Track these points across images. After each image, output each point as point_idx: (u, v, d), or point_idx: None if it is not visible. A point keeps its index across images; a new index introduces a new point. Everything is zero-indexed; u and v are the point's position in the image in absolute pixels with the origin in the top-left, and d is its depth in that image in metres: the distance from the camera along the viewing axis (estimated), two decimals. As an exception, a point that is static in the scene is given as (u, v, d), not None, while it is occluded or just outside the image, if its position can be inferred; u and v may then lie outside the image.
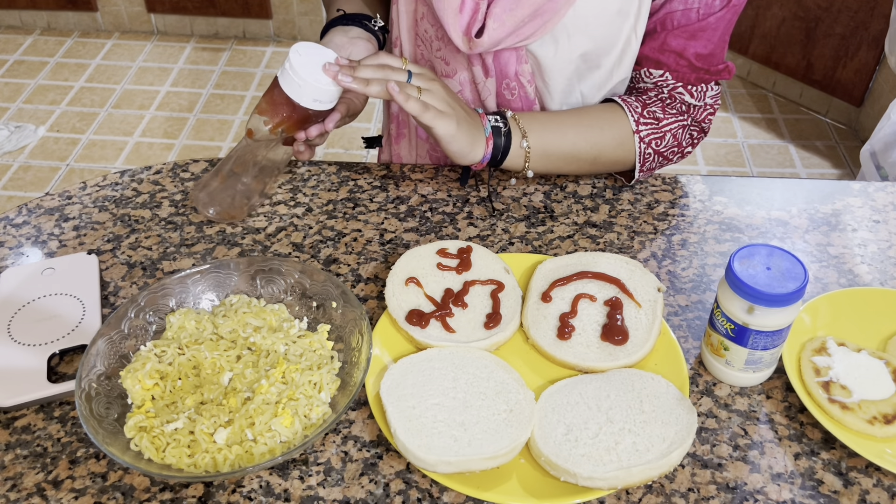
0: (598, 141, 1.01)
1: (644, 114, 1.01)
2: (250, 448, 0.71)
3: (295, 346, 0.79)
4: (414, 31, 1.05)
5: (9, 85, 3.08)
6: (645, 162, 1.03)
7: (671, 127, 1.02)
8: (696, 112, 1.03)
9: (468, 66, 1.03)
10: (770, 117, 2.95)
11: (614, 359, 0.80)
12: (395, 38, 1.05)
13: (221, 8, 3.30)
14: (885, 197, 1.08)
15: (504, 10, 0.93)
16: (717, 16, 0.96)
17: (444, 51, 1.03)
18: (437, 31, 1.02)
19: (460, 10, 0.94)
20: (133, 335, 0.80)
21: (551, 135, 1.00)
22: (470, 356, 0.80)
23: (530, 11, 0.93)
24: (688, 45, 0.98)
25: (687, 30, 0.97)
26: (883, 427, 0.75)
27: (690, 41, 0.97)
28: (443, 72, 1.05)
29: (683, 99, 1.02)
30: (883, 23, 2.60)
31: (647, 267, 0.95)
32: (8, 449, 0.75)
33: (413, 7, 1.01)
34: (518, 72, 1.01)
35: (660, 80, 1.01)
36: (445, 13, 0.94)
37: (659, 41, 0.99)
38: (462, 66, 1.04)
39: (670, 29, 0.97)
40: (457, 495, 0.71)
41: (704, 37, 0.97)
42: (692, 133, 1.05)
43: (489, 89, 1.04)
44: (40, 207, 1.03)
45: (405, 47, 1.05)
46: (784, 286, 0.74)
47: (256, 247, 0.98)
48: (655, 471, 0.69)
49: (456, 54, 1.03)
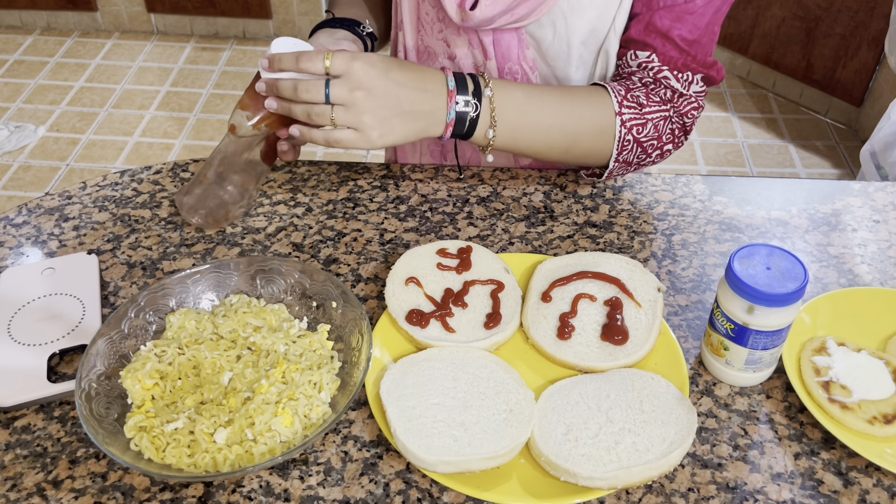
0: (575, 131, 0.98)
1: (627, 97, 0.98)
2: (250, 448, 0.71)
3: (295, 346, 0.80)
4: (416, 14, 1.05)
5: (9, 85, 3.08)
6: (623, 150, 0.99)
7: (653, 116, 0.99)
8: (679, 103, 1.00)
9: (469, 48, 1.03)
10: (770, 117, 2.95)
11: (614, 359, 0.80)
12: (400, 21, 1.05)
13: (221, 8, 3.30)
14: (885, 197, 1.08)
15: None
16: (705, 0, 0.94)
17: (446, 32, 1.03)
18: (438, 13, 1.02)
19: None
20: (133, 335, 0.80)
21: (525, 122, 0.96)
22: (470, 356, 0.80)
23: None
24: (673, 26, 0.95)
25: (673, 10, 0.95)
26: (883, 427, 0.75)
27: (676, 23, 0.95)
28: (444, 53, 1.05)
29: (669, 83, 0.99)
30: (883, 23, 2.60)
31: (647, 267, 0.95)
32: (8, 449, 0.75)
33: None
34: (521, 57, 1.01)
35: (645, 62, 0.99)
36: None
37: (644, 21, 0.97)
38: (463, 48, 1.03)
39: (656, 9, 0.96)
40: (457, 495, 0.71)
41: (690, 21, 0.95)
42: (674, 129, 1.01)
43: (490, 72, 1.04)
44: (40, 207, 1.03)
45: (407, 32, 1.05)
46: (784, 286, 0.74)
47: (256, 247, 0.98)
48: (655, 471, 0.69)
49: (457, 36, 1.02)
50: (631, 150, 1.00)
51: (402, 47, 1.08)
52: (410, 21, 1.05)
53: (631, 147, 0.99)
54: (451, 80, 0.92)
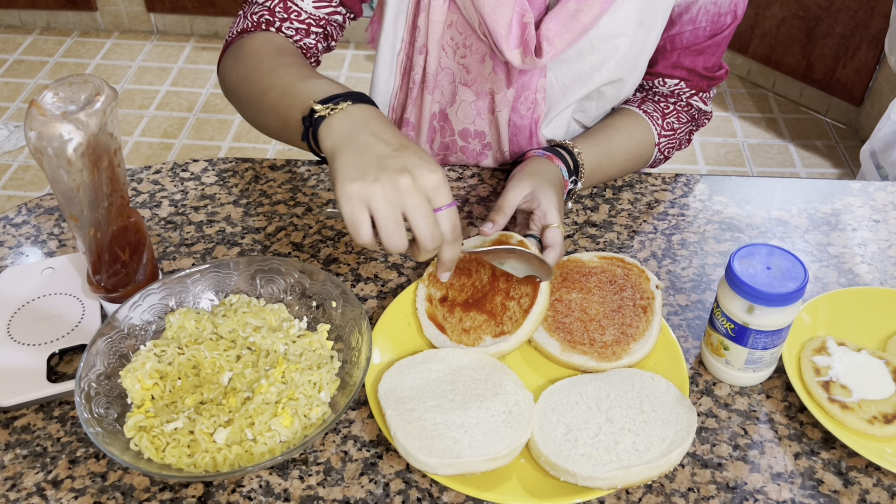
0: (625, 169, 1.09)
1: (664, 125, 1.09)
2: (250, 448, 0.71)
3: (295, 346, 0.79)
4: (440, 41, 1.02)
5: (9, 84, 3.08)
6: (653, 165, 1.13)
7: (682, 134, 1.12)
8: (700, 119, 1.13)
9: (490, 76, 1.03)
10: (770, 117, 2.94)
11: (616, 357, 0.80)
12: (421, 46, 1.02)
13: (221, 7, 3.30)
14: (885, 196, 1.08)
15: (556, 35, 0.95)
16: (724, 35, 1.02)
17: (469, 59, 1.02)
18: (466, 40, 1.01)
19: (510, 25, 0.94)
20: (133, 335, 0.80)
21: (598, 175, 1.05)
22: (467, 358, 0.80)
23: (579, 33, 0.96)
24: (697, 60, 1.05)
25: (697, 48, 1.04)
26: (883, 427, 0.75)
27: (699, 57, 1.05)
28: (462, 80, 1.05)
29: (698, 107, 1.11)
30: (883, 22, 2.60)
31: (648, 266, 0.95)
32: (8, 449, 0.75)
33: (444, 17, 0.99)
34: (537, 87, 1.03)
35: (676, 89, 1.09)
36: (498, 25, 0.94)
37: (671, 60, 1.06)
38: (484, 75, 1.03)
39: (680, 48, 1.04)
40: (457, 495, 0.71)
41: (711, 51, 1.05)
42: (690, 137, 1.15)
43: (507, 100, 1.04)
44: (40, 207, 1.03)
45: (432, 55, 1.03)
46: (784, 286, 0.74)
47: (256, 246, 0.97)
48: (655, 470, 0.69)
49: (480, 64, 1.02)
50: (657, 163, 1.14)
51: (420, 70, 1.04)
52: (435, 48, 1.02)
53: (659, 161, 1.14)
54: (565, 173, 0.99)
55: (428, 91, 1.06)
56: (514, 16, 0.94)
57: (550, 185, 0.93)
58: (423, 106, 1.08)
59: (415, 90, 1.07)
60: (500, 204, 0.91)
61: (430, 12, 0.98)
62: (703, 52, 1.04)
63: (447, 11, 0.98)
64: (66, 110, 0.71)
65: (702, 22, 1.01)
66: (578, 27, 0.94)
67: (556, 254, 0.87)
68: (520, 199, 0.92)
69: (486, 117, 1.07)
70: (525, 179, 0.93)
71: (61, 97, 0.72)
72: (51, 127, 0.69)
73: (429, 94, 1.06)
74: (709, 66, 1.06)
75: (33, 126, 0.69)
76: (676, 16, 1.01)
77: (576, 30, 0.95)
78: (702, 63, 1.05)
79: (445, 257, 0.74)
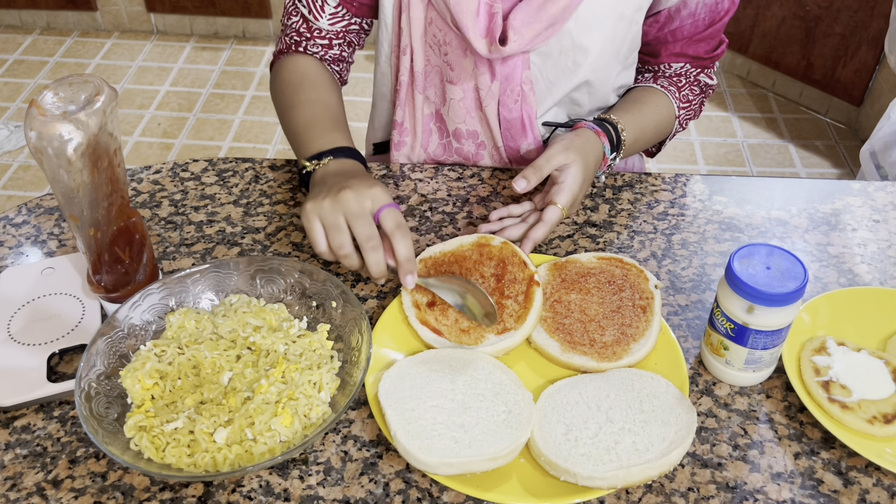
0: (654, 140, 1.13)
1: (681, 97, 1.13)
2: (250, 448, 0.71)
3: (295, 346, 0.79)
4: (425, 38, 1.04)
5: (9, 84, 3.08)
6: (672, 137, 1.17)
7: (696, 105, 1.16)
8: (708, 91, 1.16)
9: (473, 71, 1.03)
10: (770, 117, 2.94)
11: (616, 357, 0.80)
12: (405, 46, 1.04)
13: (221, 7, 3.30)
14: (884, 196, 1.08)
15: (523, 24, 0.96)
16: (724, 21, 1.05)
17: (451, 55, 1.03)
18: (445, 36, 1.02)
19: (477, 14, 0.96)
20: (133, 335, 0.80)
21: (632, 150, 1.08)
22: (466, 357, 0.80)
23: (547, 24, 0.97)
24: (699, 47, 1.09)
25: (697, 37, 1.07)
26: (883, 426, 0.75)
27: (700, 44, 1.09)
28: (448, 77, 1.05)
29: (705, 81, 1.14)
30: (883, 22, 2.60)
31: (647, 266, 0.95)
32: (8, 449, 0.75)
33: (423, 14, 1.01)
34: (522, 79, 1.03)
35: (680, 71, 1.12)
36: (464, 16, 0.95)
37: (673, 50, 1.09)
38: (467, 70, 1.04)
39: (681, 39, 1.07)
40: (457, 495, 0.71)
41: (711, 37, 1.08)
42: (701, 108, 1.18)
43: (493, 93, 1.04)
44: (40, 207, 1.03)
45: (417, 54, 1.04)
46: (784, 286, 0.74)
47: (256, 246, 0.97)
48: (655, 470, 0.69)
49: (462, 59, 1.03)
50: (675, 134, 1.17)
51: (406, 71, 1.06)
52: (420, 46, 1.04)
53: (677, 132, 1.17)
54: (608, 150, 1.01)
55: (418, 91, 1.07)
56: (482, 6, 0.96)
57: (585, 169, 0.96)
58: (415, 107, 1.09)
59: (402, 91, 1.08)
60: (539, 163, 0.94)
61: (409, 10, 1.01)
62: (704, 40, 1.08)
63: (425, 8, 1.01)
64: (66, 110, 0.71)
65: (701, 14, 1.04)
66: (546, 17, 0.95)
67: (545, 230, 0.92)
68: (558, 165, 0.95)
69: (476, 115, 1.08)
70: (571, 151, 0.95)
71: (61, 97, 0.72)
72: (51, 127, 0.69)
73: (420, 94, 1.07)
74: (709, 49, 1.10)
75: (33, 126, 0.69)
76: (675, 11, 1.03)
77: (543, 19, 0.96)
78: (703, 48, 1.09)
79: (399, 254, 0.82)
